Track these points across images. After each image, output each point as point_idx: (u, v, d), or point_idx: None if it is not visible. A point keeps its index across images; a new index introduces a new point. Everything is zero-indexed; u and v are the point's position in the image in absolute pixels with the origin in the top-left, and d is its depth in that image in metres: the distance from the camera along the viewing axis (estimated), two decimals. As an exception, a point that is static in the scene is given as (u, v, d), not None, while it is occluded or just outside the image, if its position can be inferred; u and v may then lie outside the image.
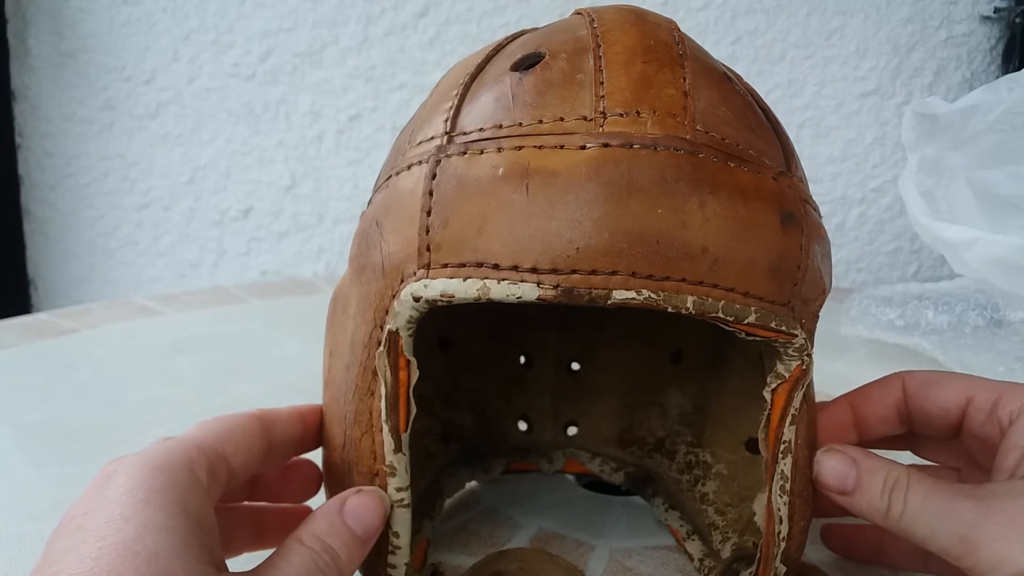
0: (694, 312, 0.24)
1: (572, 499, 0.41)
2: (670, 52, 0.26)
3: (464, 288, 0.24)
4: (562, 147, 0.24)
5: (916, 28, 0.96)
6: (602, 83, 0.25)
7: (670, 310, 0.24)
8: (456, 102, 0.26)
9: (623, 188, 0.23)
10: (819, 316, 0.28)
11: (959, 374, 0.31)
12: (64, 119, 0.98)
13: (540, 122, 0.24)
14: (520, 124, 0.25)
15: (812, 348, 0.27)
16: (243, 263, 1.04)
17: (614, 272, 0.23)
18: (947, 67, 0.97)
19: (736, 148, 0.25)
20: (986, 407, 0.29)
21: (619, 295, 0.23)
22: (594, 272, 0.23)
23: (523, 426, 0.43)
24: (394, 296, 0.25)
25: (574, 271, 0.23)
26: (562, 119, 0.24)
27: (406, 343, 0.26)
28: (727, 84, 0.27)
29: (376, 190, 0.29)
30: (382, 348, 0.26)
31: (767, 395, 0.27)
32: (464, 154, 0.25)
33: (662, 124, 0.24)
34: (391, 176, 0.28)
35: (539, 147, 0.24)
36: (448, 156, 0.25)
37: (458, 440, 0.40)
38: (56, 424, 0.49)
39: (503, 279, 0.23)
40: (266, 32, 0.97)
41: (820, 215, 0.28)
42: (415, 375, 0.26)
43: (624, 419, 0.42)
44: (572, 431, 0.43)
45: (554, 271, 0.23)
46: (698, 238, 0.24)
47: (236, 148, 1.00)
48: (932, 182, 0.69)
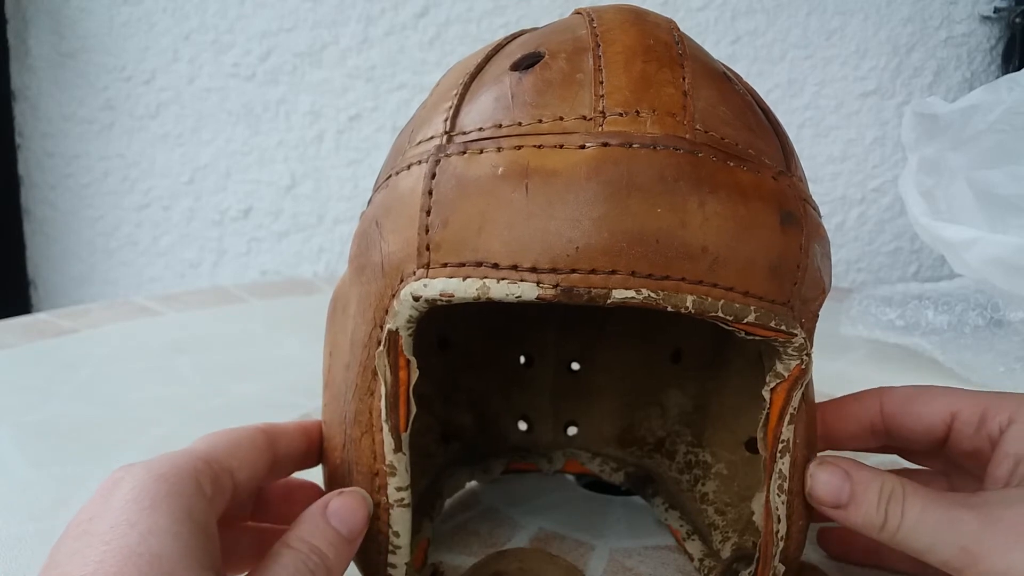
0: (694, 311, 0.24)
1: (572, 499, 0.41)
2: (670, 52, 0.26)
3: (464, 287, 0.24)
4: (561, 147, 0.24)
5: (916, 28, 0.96)
6: (601, 82, 0.25)
7: (669, 309, 0.24)
8: (456, 102, 0.27)
9: (623, 187, 0.23)
10: (819, 316, 0.28)
11: (939, 388, 0.31)
12: (64, 119, 0.98)
13: (539, 122, 0.24)
14: (519, 124, 0.25)
15: (811, 348, 0.27)
16: (243, 263, 1.04)
17: (613, 271, 0.23)
18: (947, 67, 0.97)
19: (736, 147, 0.25)
20: (973, 420, 0.29)
21: (618, 294, 0.23)
22: (593, 271, 0.23)
23: (523, 426, 0.43)
24: (394, 296, 0.26)
25: (573, 270, 0.23)
26: (561, 119, 0.24)
27: (406, 342, 0.26)
28: (727, 84, 0.27)
29: (376, 190, 0.29)
30: (382, 348, 0.26)
31: (766, 394, 0.27)
32: (464, 154, 0.25)
33: (662, 123, 0.24)
34: (391, 176, 0.28)
35: (538, 147, 0.24)
36: (448, 156, 0.25)
37: (458, 440, 0.40)
38: (56, 424, 0.49)
39: (502, 278, 0.24)
40: (266, 32, 0.97)
41: (820, 215, 0.28)
42: (415, 375, 0.26)
43: (624, 419, 0.42)
44: (572, 431, 0.43)
45: (553, 270, 0.23)
46: (698, 237, 0.24)
47: (236, 148, 1.00)
48: (932, 182, 0.69)
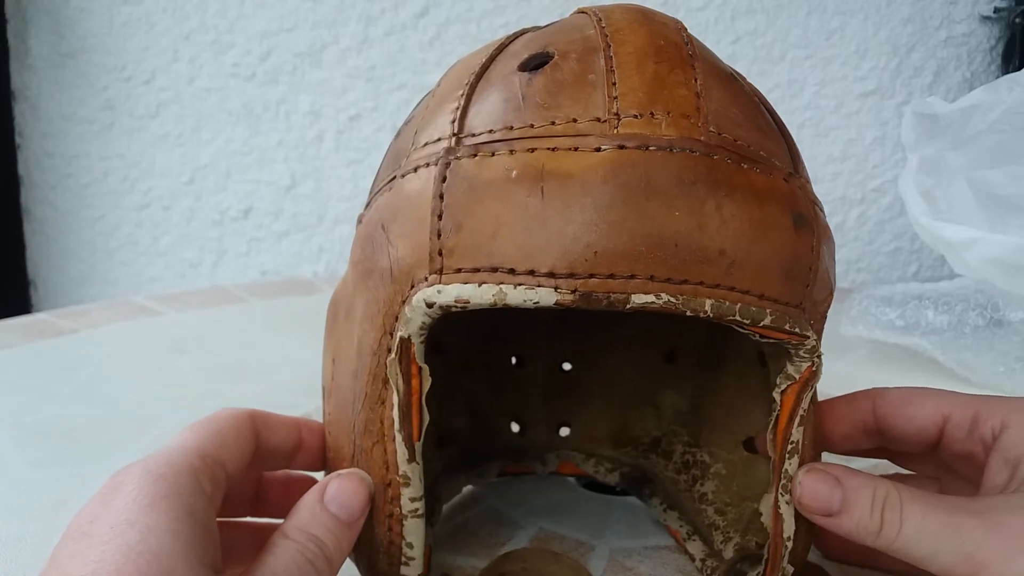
0: (712, 315, 0.24)
1: (572, 499, 0.41)
2: (680, 52, 0.26)
3: (480, 294, 0.23)
4: (576, 149, 0.23)
5: (916, 28, 0.96)
6: (614, 84, 0.24)
7: (688, 314, 0.24)
8: (462, 103, 0.26)
9: (640, 190, 0.23)
10: (826, 316, 0.28)
11: (932, 390, 0.31)
12: (64, 119, 0.98)
13: (552, 123, 0.24)
14: (532, 126, 0.24)
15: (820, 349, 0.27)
16: (243, 263, 1.04)
17: (632, 276, 0.23)
18: (947, 67, 0.97)
19: (748, 149, 0.25)
20: (965, 424, 0.29)
21: (638, 299, 0.23)
22: (612, 276, 0.23)
23: (515, 428, 0.43)
24: (404, 302, 0.25)
25: (592, 275, 0.23)
26: (575, 120, 0.24)
27: (418, 350, 0.25)
28: (735, 85, 0.27)
29: (376, 192, 0.29)
30: (394, 355, 0.25)
31: (776, 396, 0.27)
32: (475, 156, 0.24)
33: (677, 125, 0.24)
34: (395, 178, 0.27)
35: (552, 149, 0.24)
36: (458, 158, 0.25)
37: (453, 444, 0.40)
38: (56, 424, 0.49)
39: (519, 284, 0.23)
40: (266, 32, 0.97)
41: (825, 216, 0.28)
42: (427, 382, 0.26)
43: (618, 419, 0.42)
44: (565, 432, 0.43)
45: (571, 275, 0.23)
46: (715, 241, 0.23)
47: (236, 148, 1.00)
48: (932, 182, 0.69)
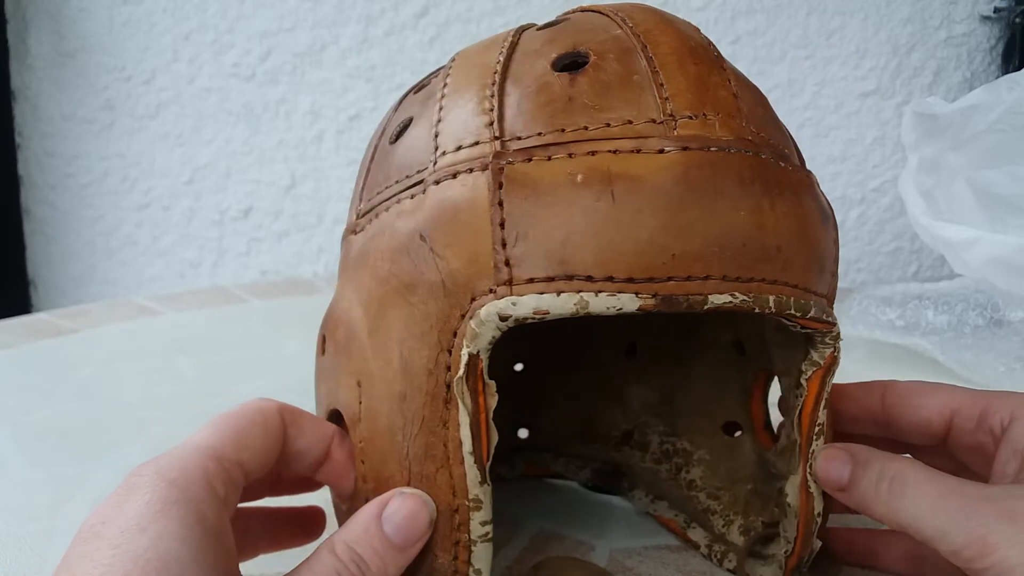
0: (774, 311, 0.24)
1: (572, 499, 0.41)
2: (710, 53, 0.26)
3: (560, 303, 0.23)
4: (639, 151, 0.23)
5: (916, 28, 0.96)
6: (662, 84, 0.24)
7: (757, 311, 0.24)
8: (495, 104, 0.25)
9: (709, 191, 0.23)
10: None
11: (941, 385, 0.31)
12: (64, 119, 0.98)
13: (607, 125, 0.24)
14: (585, 128, 0.24)
15: None
16: (243, 263, 1.04)
17: (707, 277, 0.23)
18: (947, 67, 0.97)
19: (779, 148, 0.26)
20: (974, 416, 0.29)
21: (715, 299, 0.23)
22: (689, 278, 0.23)
23: None
24: (464, 316, 0.24)
25: (670, 278, 0.23)
26: (630, 122, 0.24)
27: (484, 366, 0.24)
28: (753, 85, 0.27)
29: (383, 201, 0.28)
30: (461, 373, 0.24)
31: (803, 382, 0.27)
32: (529, 160, 0.24)
33: (727, 126, 0.24)
34: (416, 185, 0.26)
35: (614, 152, 0.23)
36: (511, 163, 0.24)
37: None
38: (56, 424, 0.49)
39: (600, 291, 0.23)
40: (266, 32, 0.97)
41: None
42: (494, 399, 0.25)
43: (582, 415, 0.41)
44: (523, 433, 0.42)
45: (650, 279, 0.23)
46: (772, 238, 0.24)
47: (236, 148, 1.00)
48: (932, 182, 0.69)
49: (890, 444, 0.33)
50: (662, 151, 0.23)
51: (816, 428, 0.28)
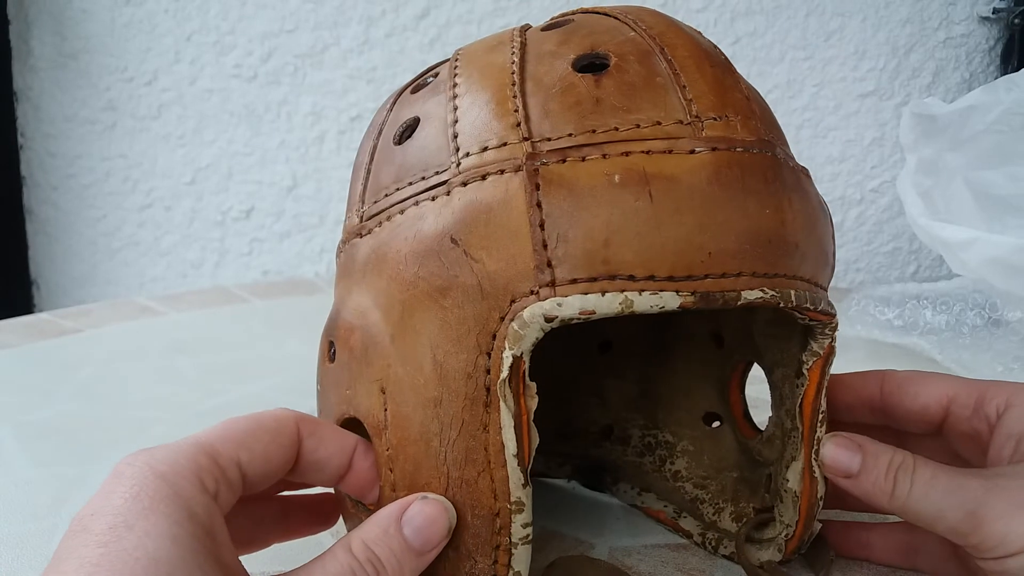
0: (795, 304, 0.25)
1: (572, 499, 0.41)
2: (720, 56, 0.27)
3: (605, 303, 0.23)
4: (671, 152, 0.24)
5: (915, 29, 0.96)
6: (684, 87, 0.25)
7: (781, 305, 0.25)
8: (519, 105, 0.25)
9: (740, 190, 0.24)
10: None
11: (938, 374, 0.32)
12: (66, 120, 0.98)
13: (637, 126, 0.24)
14: (616, 129, 0.24)
15: None
16: (245, 263, 1.04)
17: (739, 274, 0.24)
18: (946, 68, 0.98)
19: (786, 147, 0.27)
20: (970, 403, 0.30)
21: (748, 295, 0.24)
22: (724, 275, 0.23)
23: None
24: (503, 318, 0.24)
25: (707, 275, 0.23)
26: (659, 123, 0.24)
27: (527, 368, 0.24)
28: (752, 86, 0.28)
29: (396, 203, 0.27)
30: (505, 375, 0.24)
31: (805, 372, 0.28)
32: (563, 161, 0.24)
33: (747, 127, 0.25)
34: (440, 187, 0.25)
35: (647, 152, 0.24)
36: (545, 164, 0.24)
37: None
38: (57, 424, 0.50)
39: (643, 290, 0.23)
40: (267, 33, 0.97)
41: None
42: (534, 400, 0.25)
43: (559, 413, 0.41)
44: None
45: (689, 277, 0.23)
46: (792, 235, 0.25)
47: (238, 149, 1.00)
48: (930, 182, 0.69)
49: (885, 432, 0.33)
50: (693, 151, 0.24)
51: (820, 415, 0.29)
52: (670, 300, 0.23)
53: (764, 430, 0.33)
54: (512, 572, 0.25)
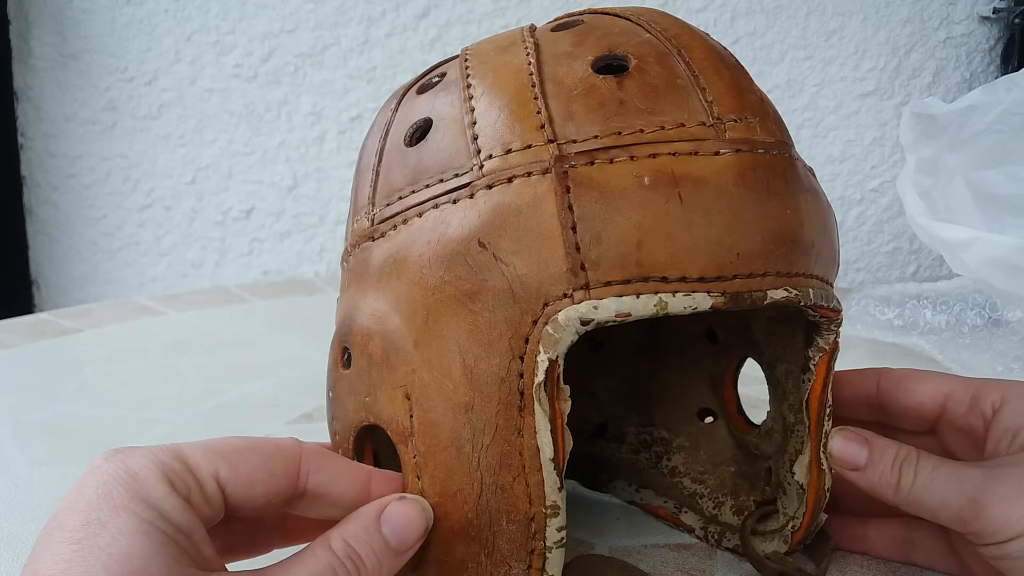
0: (812, 302, 0.25)
1: (572, 498, 0.41)
2: (733, 58, 0.27)
3: (640, 305, 0.23)
4: (696, 153, 0.24)
5: (915, 29, 0.96)
6: (704, 89, 0.25)
7: (801, 303, 0.25)
8: (542, 107, 0.25)
9: (764, 191, 0.24)
10: None
11: (934, 372, 0.33)
12: (66, 120, 0.98)
13: (662, 128, 0.24)
14: (641, 131, 0.24)
15: None
16: (245, 263, 1.04)
17: (765, 274, 0.24)
18: (946, 68, 0.98)
19: (795, 148, 0.27)
20: (966, 400, 0.31)
21: (773, 294, 0.24)
22: (751, 275, 0.24)
23: None
24: (535, 322, 0.24)
25: (736, 276, 0.24)
26: (683, 124, 0.24)
27: (561, 371, 0.24)
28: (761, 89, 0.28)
29: (413, 206, 0.26)
30: (541, 379, 0.24)
31: (811, 367, 0.29)
32: (592, 163, 0.24)
33: (765, 129, 0.25)
34: (462, 189, 0.25)
35: (674, 154, 0.24)
36: (574, 166, 0.24)
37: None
38: (57, 423, 0.50)
39: (676, 291, 0.23)
40: (268, 33, 0.97)
41: None
42: (567, 404, 0.25)
43: None
44: None
45: (719, 278, 0.23)
46: (809, 234, 0.25)
47: (238, 149, 1.00)
48: (930, 182, 0.69)
49: (881, 429, 0.34)
50: (718, 153, 0.24)
51: (827, 409, 0.29)
52: (702, 301, 0.23)
53: (761, 424, 0.34)
54: (546, 574, 0.25)
